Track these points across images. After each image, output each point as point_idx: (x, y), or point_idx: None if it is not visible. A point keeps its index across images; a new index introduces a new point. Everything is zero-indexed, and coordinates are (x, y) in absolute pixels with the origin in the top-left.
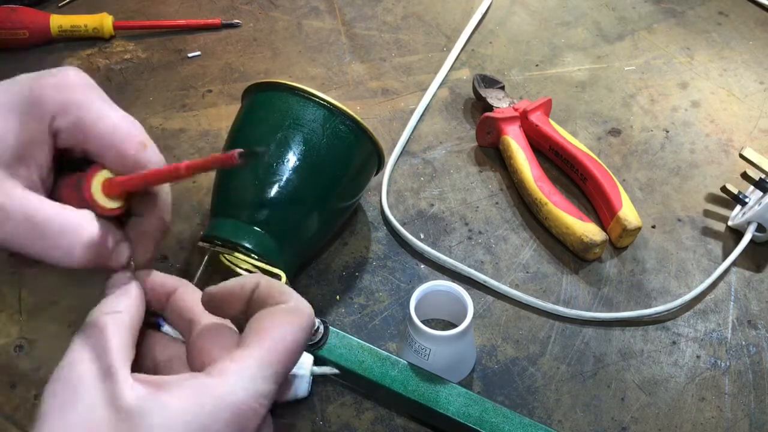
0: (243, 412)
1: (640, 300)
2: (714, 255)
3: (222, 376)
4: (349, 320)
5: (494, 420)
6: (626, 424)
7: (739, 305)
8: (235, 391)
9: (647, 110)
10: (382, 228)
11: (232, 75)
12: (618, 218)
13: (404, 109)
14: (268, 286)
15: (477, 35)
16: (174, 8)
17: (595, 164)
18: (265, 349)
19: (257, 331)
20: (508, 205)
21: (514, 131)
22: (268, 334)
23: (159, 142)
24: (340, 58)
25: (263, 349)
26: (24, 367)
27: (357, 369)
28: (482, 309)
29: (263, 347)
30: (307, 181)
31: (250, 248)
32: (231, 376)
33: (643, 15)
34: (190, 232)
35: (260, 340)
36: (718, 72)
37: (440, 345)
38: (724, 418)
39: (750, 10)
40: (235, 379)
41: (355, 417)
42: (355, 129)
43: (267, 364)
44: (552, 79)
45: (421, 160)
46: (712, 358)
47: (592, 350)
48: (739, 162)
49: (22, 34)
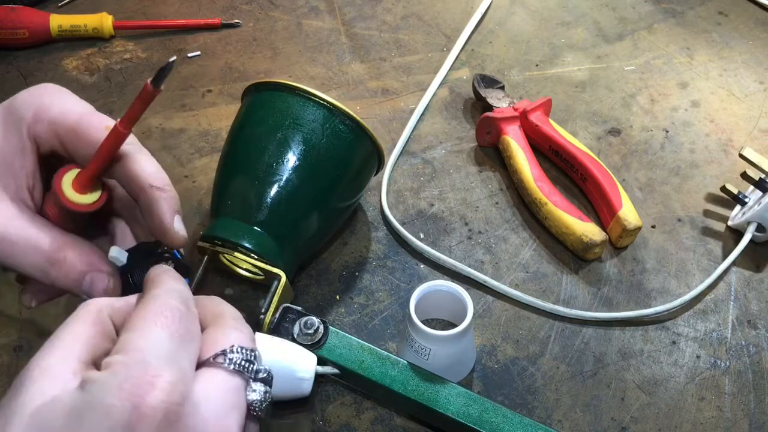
0: (118, 408)
1: (640, 300)
2: (714, 255)
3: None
4: (349, 320)
5: (494, 420)
6: (626, 423)
7: (739, 305)
8: (108, 391)
9: (647, 110)
10: (382, 228)
11: (231, 75)
12: (618, 218)
13: (404, 108)
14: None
15: (477, 35)
16: (174, 8)
17: (595, 164)
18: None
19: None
20: (508, 205)
21: (514, 131)
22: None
23: (159, 142)
24: (340, 58)
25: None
26: (24, 367)
27: (357, 369)
28: (482, 309)
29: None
30: (306, 181)
31: (250, 248)
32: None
33: (643, 15)
34: (190, 232)
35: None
36: (718, 72)
37: (440, 345)
38: (723, 418)
39: (750, 10)
40: (109, 376)
41: (355, 417)
42: (355, 129)
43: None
44: (552, 79)
45: (421, 159)
46: (711, 358)
47: (592, 350)
48: (739, 162)
49: (21, 33)
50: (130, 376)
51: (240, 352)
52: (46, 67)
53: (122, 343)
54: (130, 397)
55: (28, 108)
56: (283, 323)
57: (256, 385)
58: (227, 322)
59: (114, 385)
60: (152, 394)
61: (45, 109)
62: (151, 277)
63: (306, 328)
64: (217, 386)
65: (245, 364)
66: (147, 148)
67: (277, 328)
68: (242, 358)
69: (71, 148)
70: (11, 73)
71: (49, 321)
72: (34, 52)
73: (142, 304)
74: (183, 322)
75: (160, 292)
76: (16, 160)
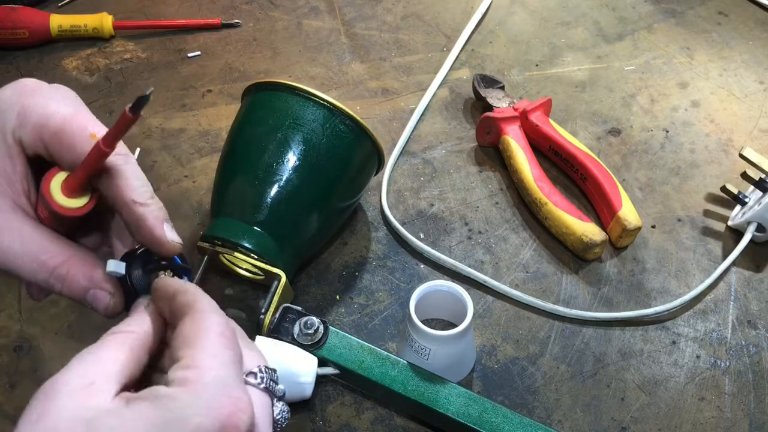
0: (207, 426)
1: (639, 300)
2: (714, 255)
3: (185, 387)
4: (349, 320)
5: (494, 420)
6: (626, 423)
7: (739, 305)
8: (195, 408)
9: (647, 110)
10: (382, 228)
11: (231, 75)
12: (618, 218)
13: (404, 108)
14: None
15: (477, 35)
16: (174, 8)
17: (595, 164)
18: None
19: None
20: (508, 205)
21: (514, 131)
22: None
23: (159, 142)
24: (340, 58)
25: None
26: (24, 367)
27: (357, 369)
28: (482, 309)
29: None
30: (306, 181)
31: (249, 248)
32: (192, 390)
33: (643, 15)
34: (190, 232)
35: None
36: (718, 72)
37: (440, 345)
38: (723, 418)
39: (750, 10)
40: (192, 393)
41: (355, 417)
42: (355, 129)
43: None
44: (552, 79)
45: (421, 159)
46: (711, 357)
47: (592, 350)
48: (739, 162)
49: (22, 33)
50: (216, 396)
51: (266, 372)
52: (46, 67)
53: (190, 360)
54: (219, 417)
55: (11, 111)
56: (283, 323)
57: (279, 404)
58: (242, 342)
59: (201, 404)
60: (238, 415)
61: (28, 112)
62: (179, 289)
63: (306, 328)
64: (260, 405)
65: (271, 384)
66: (147, 148)
67: (277, 328)
68: (269, 378)
69: (56, 154)
70: (11, 73)
71: (49, 321)
72: (34, 52)
73: (195, 319)
74: (236, 340)
75: (206, 306)
76: (7, 166)
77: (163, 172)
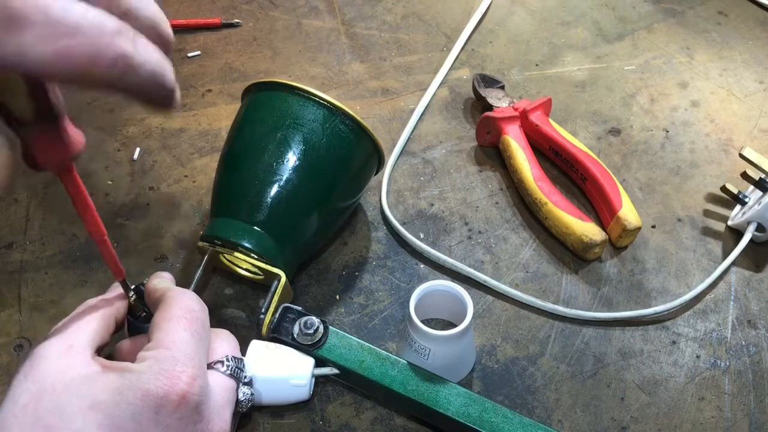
0: (153, 392)
1: (639, 300)
2: (714, 255)
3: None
4: (349, 320)
5: (494, 420)
6: (626, 423)
7: (739, 305)
8: (146, 378)
9: (647, 110)
10: (382, 228)
11: (231, 75)
12: (618, 218)
13: (404, 108)
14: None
15: (477, 35)
16: (174, 8)
17: (595, 164)
18: (168, 339)
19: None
20: (508, 204)
21: (514, 131)
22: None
23: (159, 142)
24: (340, 58)
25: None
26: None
27: (357, 369)
28: (482, 309)
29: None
30: (306, 181)
31: (249, 248)
32: (144, 364)
33: (643, 15)
34: (190, 232)
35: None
36: (717, 72)
37: (440, 345)
38: (723, 418)
39: (750, 9)
40: (147, 366)
41: (354, 417)
42: (355, 128)
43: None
44: (552, 78)
45: (421, 159)
46: (711, 357)
47: (592, 350)
48: (739, 162)
49: None
50: (163, 369)
51: (232, 360)
52: None
53: (154, 341)
54: (162, 385)
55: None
56: (283, 323)
57: (244, 388)
58: (219, 335)
59: (150, 375)
60: (179, 385)
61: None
62: (155, 286)
63: (306, 328)
64: (220, 385)
65: (237, 371)
66: (147, 147)
67: (277, 328)
68: (234, 365)
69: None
70: None
71: (49, 321)
72: None
73: (166, 305)
74: (200, 322)
75: (178, 294)
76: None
77: (163, 171)
